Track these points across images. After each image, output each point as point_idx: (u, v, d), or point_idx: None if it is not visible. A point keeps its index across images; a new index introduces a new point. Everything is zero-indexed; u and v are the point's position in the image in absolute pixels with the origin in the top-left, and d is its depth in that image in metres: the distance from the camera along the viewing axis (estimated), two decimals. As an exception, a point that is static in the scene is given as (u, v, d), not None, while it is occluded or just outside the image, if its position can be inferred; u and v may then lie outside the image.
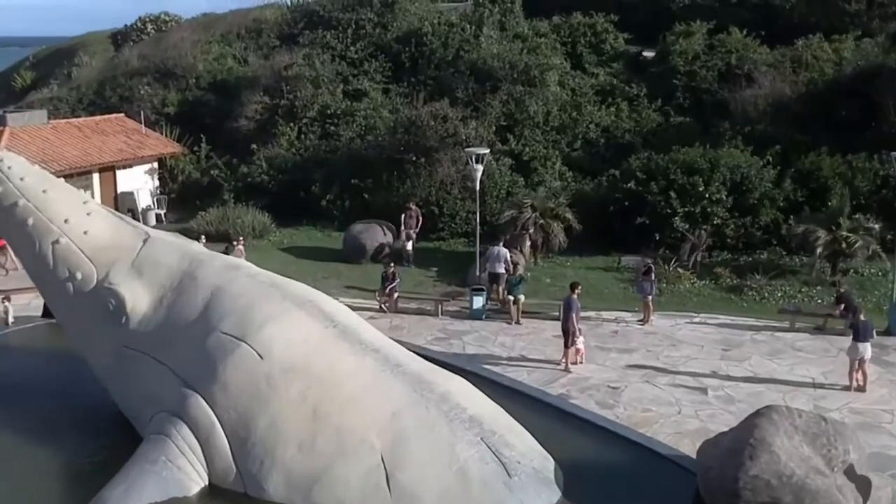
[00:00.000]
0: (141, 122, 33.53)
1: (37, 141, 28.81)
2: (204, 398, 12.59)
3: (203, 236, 24.26)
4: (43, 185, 15.12)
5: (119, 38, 53.92)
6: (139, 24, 53.67)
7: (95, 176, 29.77)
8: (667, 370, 17.83)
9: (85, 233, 14.63)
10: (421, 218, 26.57)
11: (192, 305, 13.62)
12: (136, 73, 39.45)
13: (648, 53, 36.27)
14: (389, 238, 26.36)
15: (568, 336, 17.79)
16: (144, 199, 31.32)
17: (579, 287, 18.49)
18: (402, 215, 26.43)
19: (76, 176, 28.58)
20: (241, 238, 24.51)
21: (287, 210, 29.57)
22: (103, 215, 15.23)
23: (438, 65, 34.40)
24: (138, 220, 30.66)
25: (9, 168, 15.00)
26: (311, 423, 12.12)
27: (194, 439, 12.40)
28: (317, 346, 12.95)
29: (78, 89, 40.52)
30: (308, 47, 36.79)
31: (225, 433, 12.35)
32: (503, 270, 21.80)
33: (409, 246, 25.72)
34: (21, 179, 14.96)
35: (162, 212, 31.33)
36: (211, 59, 38.86)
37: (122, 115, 34.47)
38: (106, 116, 34.00)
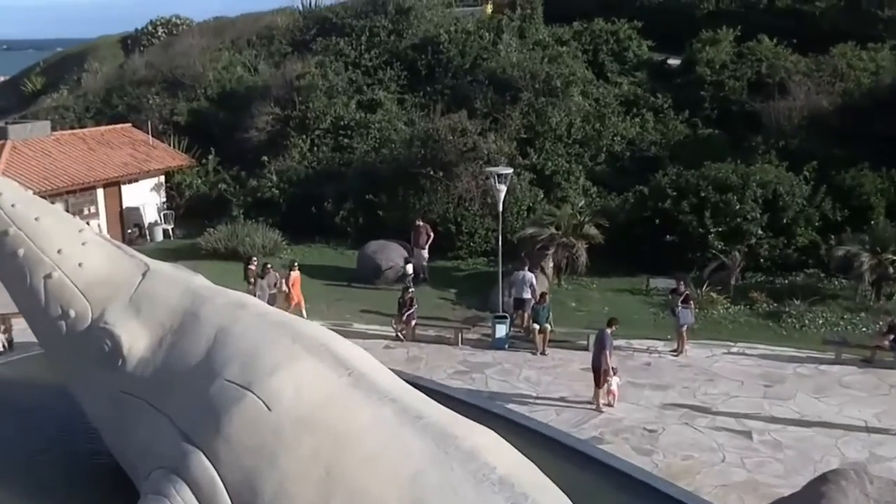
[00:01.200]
0: (148, 133, 32.43)
1: (39, 155, 27.73)
2: (206, 454, 11.33)
3: (254, 258, 22.95)
4: (35, 211, 13.92)
5: (129, 43, 53.05)
6: (150, 28, 52.84)
7: (100, 191, 28.62)
8: (706, 410, 16.60)
9: (80, 265, 13.41)
10: (431, 234, 25.38)
11: (193, 348, 12.37)
12: (144, 81, 38.43)
13: (673, 61, 34.97)
14: (404, 258, 25.06)
15: (599, 374, 16.56)
16: (151, 215, 30.21)
17: (617, 324, 17.21)
18: (412, 233, 25.31)
19: (79, 192, 27.54)
20: (295, 264, 22.57)
21: (298, 226, 28.40)
22: (100, 245, 13.99)
23: (455, 74, 33.23)
24: (145, 236, 29.78)
25: (-1, 194, 13.88)
26: (324, 485, 10.82)
27: (195, 502, 11.17)
28: (330, 396, 11.65)
29: (85, 97, 39.54)
30: (321, 55, 35.63)
31: (229, 495, 11.09)
32: (529, 296, 20.57)
33: (410, 269, 24.29)
34: (12, 206, 13.75)
35: (169, 227, 30.24)
36: (220, 68, 37.73)
37: (129, 125, 33.36)
38: (112, 127, 32.92)
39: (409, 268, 24.32)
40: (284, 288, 21.76)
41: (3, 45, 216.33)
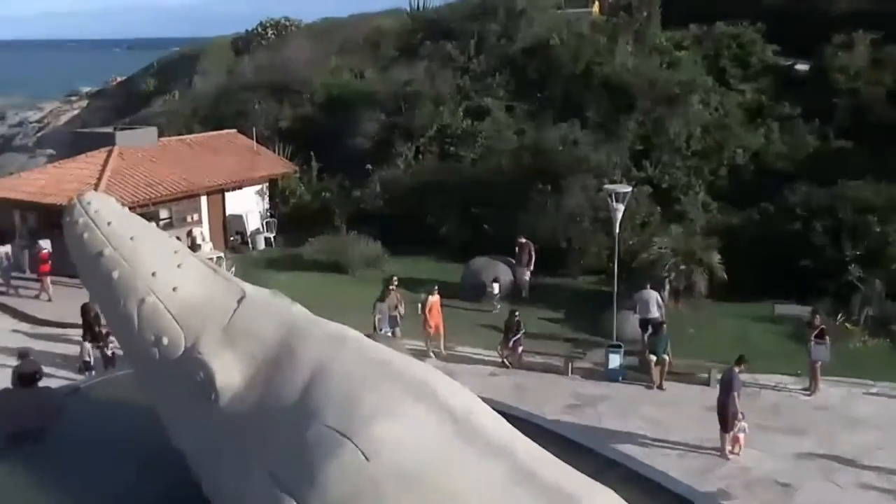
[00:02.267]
0: (253, 139, 32.15)
1: (144, 161, 27.68)
2: (298, 505, 10.42)
3: (395, 277, 21.90)
4: (130, 230, 13.27)
5: (240, 43, 53.47)
6: (260, 30, 53.12)
7: (203, 198, 28.43)
8: (848, 462, 14.91)
9: (174, 289, 12.60)
10: (534, 253, 24.17)
11: (289, 386, 11.29)
12: (252, 86, 38.33)
13: (802, 67, 32.74)
14: (492, 278, 23.82)
15: (726, 418, 15.04)
16: (253, 222, 29.85)
17: (746, 363, 15.63)
18: (516, 249, 24.18)
19: (183, 199, 27.35)
20: (436, 288, 20.87)
21: (400, 238, 27.44)
22: (195, 267, 13.13)
23: (568, 80, 31.82)
24: (248, 244, 29.44)
25: (96, 211, 13.23)
26: (425, 550, 9.75)
27: (287, 558, 10.23)
28: (434, 449, 10.44)
29: (193, 101, 39.78)
30: (428, 59, 34.74)
31: (320, 552, 10.12)
32: (657, 314, 19.20)
33: (497, 288, 23.25)
34: (108, 224, 13.15)
35: (271, 236, 29.85)
36: (327, 73, 37.30)
37: (235, 131, 33.19)
38: (218, 133, 32.82)
39: (496, 287, 23.22)
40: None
41: (125, 45, 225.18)
